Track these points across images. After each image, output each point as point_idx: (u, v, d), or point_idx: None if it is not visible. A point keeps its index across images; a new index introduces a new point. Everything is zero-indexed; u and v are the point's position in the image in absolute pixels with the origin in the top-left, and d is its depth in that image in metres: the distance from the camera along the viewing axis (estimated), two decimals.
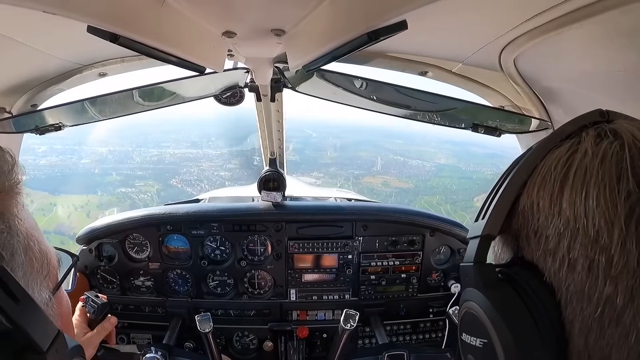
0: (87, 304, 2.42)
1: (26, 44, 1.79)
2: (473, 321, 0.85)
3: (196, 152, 58.86)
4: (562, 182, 0.75)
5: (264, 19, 1.51)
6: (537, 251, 0.79)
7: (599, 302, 0.69)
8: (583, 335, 0.73)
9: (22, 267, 0.94)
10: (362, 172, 59.08)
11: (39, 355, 0.82)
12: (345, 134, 69.02)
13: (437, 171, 59.29)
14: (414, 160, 61.80)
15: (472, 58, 2.03)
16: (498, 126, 2.34)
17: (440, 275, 3.48)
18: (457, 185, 55.90)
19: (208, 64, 1.77)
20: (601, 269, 0.68)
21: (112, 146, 57.05)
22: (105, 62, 2.35)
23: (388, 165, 60.23)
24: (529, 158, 0.83)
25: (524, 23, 1.52)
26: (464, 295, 0.90)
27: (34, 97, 2.36)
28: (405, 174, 58.85)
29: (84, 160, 55.46)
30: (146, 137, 60.17)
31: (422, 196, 53.26)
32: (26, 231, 0.97)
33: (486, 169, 56.14)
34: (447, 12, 1.53)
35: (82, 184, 50.01)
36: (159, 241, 3.28)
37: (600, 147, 0.72)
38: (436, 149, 64.05)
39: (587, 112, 0.82)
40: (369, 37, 1.19)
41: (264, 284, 3.43)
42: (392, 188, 55.53)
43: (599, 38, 1.46)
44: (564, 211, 0.73)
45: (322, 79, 2.39)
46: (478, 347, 0.84)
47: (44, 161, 50.69)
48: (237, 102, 2.88)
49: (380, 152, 63.99)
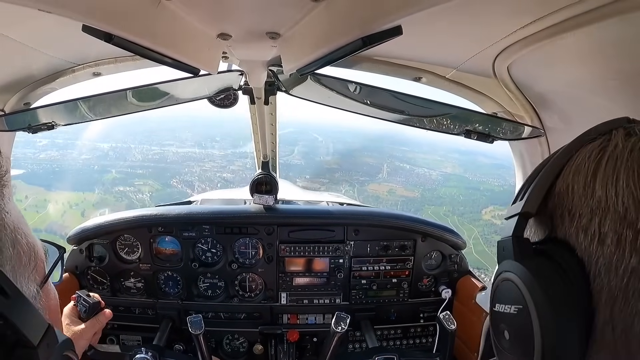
0: (79, 303, 2.40)
1: (20, 42, 1.79)
2: (509, 290, 0.90)
3: (200, 152, 58.47)
4: (595, 168, 0.81)
5: (259, 22, 1.52)
6: (570, 228, 0.84)
7: (625, 273, 0.74)
8: (609, 306, 0.77)
9: (10, 261, 0.93)
10: (368, 178, 58.85)
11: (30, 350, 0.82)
12: (352, 138, 68.75)
13: (443, 180, 59.07)
14: (420, 168, 61.59)
15: (466, 64, 2.04)
16: (490, 132, 2.35)
17: (431, 280, 3.49)
18: (464, 195, 55.77)
19: (202, 65, 1.77)
20: (628, 242, 0.74)
21: (114, 142, 56.60)
22: (99, 62, 2.34)
23: (394, 173, 59.93)
24: (565, 150, 0.90)
25: (518, 30, 1.53)
26: (500, 267, 0.95)
27: (27, 95, 2.35)
28: (412, 182, 58.55)
29: (84, 155, 55.00)
30: (150, 134, 59.74)
31: (429, 206, 53.00)
32: (14, 224, 0.96)
33: (493, 179, 56.20)
34: (442, 18, 1.54)
35: (79, 180, 49.40)
36: (150, 242, 3.26)
37: (629, 142, 0.79)
38: (443, 158, 64.00)
39: (615, 118, 0.88)
40: (363, 42, 1.20)
41: (254, 287, 3.42)
42: (397, 197, 55.17)
43: (592, 47, 1.47)
44: (596, 192, 0.79)
45: (316, 83, 2.40)
46: (512, 314, 0.89)
47: (44, 155, 50.22)
48: (231, 105, 2.88)
49: (386, 158, 63.69)
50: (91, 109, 2.52)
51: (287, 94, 2.66)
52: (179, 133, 61.98)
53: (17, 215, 1.01)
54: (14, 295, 0.80)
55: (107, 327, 2.51)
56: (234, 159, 53.42)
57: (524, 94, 2.09)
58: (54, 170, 49.61)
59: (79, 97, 2.28)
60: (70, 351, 1.02)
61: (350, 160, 61.33)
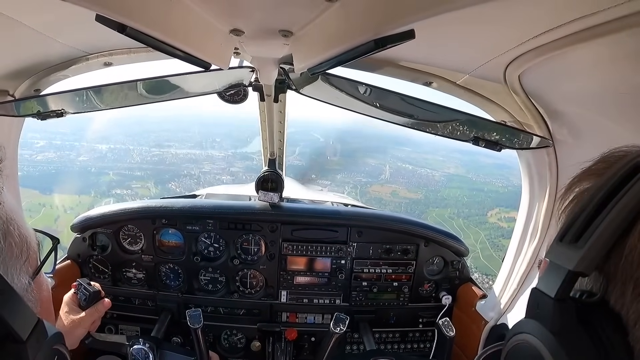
0: (79, 291, 2.41)
1: (33, 28, 1.79)
2: (530, 358, 0.78)
3: (199, 153, 57.94)
4: None
5: (272, 19, 1.52)
6: (632, 305, 0.69)
7: None
8: None
9: (2, 253, 0.93)
10: (370, 180, 58.01)
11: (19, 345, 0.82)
12: (354, 139, 67.95)
13: (446, 181, 58.03)
14: (422, 168, 60.46)
15: (478, 71, 2.04)
16: (499, 141, 2.34)
17: (432, 285, 3.48)
18: (469, 197, 54.71)
19: (214, 60, 1.77)
20: None
21: (113, 143, 55.93)
22: (111, 52, 2.35)
23: (396, 174, 58.91)
24: (636, 192, 0.72)
25: (532, 40, 1.52)
26: (525, 325, 0.82)
27: (37, 82, 2.36)
28: (415, 183, 57.50)
29: (82, 157, 54.27)
30: (149, 134, 59.33)
31: (433, 208, 52.00)
32: (6, 216, 0.96)
33: (496, 180, 55.26)
34: (455, 24, 1.53)
35: (76, 183, 48.85)
36: (154, 234, 3.28)
37: None
38: (445, 158, 63.14)
39: None
40: (376, 44, 1.19)
41: (255, 283, 3.43)
42: (401, 198, 54.19)
43: (604, 59, 1.47)
44: None
45: (327, 83, 2.40)
46: None
47: (40, 157, 49.58)
48: (241, 101, 2.89)
49: (388, 159, 62.67)
50: (101, 98, 2.53)
51: (297, 92, 2.66)
52: (179, 134, 61.50)
53: (11, 205, 1.01)
54: (4, 290, 0.80)
55: (106, 316, 2.52)
56: (235, 161, 53.04)
57: (534, 103, 2.08)
58: (50, 172, 48.69)
59: (89, 86, 2.29)
60: (60, 344, 1.03)
61: (352, 161, 60.65)
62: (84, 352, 3.02)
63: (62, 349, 1.04)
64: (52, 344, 0.98)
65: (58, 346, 1.02)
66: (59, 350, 1.03)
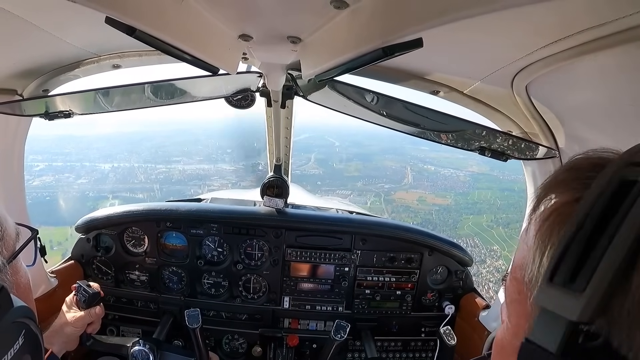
0: (79, 292, 2.43)
1: (43, 29, 1.81)
2: None
3: (208, 167, 56.86)
4: None
5: (280, 26, 1.52)
6: None
7: None
8: None
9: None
10: (393, 185, 56.73)
11: None
12: (369, 141, 66.62)
13: (473, 182, 56.17)
14: (445, 169, 58.73)
15: (485, 81, 2.04)
16: (505, 151, 2.34)
17: (436, 295, 3.46)
18: (501, 199, 52.17)
19: (222, 65, 1.78)
20: None
21: (117, 161, 54.92)
22: (120, 54, 2.37)
23: (419, 177, 57.20)
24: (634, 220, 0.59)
25: (539, 50, 1.52)
26: None
27: (46, 82, 2.37)
28: (440, 186, 55.94)
29: (81, 180, 53.52)
30: (157, 150, 58.41)
31: (467, 215, 48.86)
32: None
33: (522, 176, 54.13)
34: (463, 33, 1.53)
35: (68, 211, 46.80)
36: (157, 237, 3.29)
37: None
38: (465, 155, 61.69)
39: None
40: (384, 52, 1.19)
41: (258, 288, 3.43)
42: (429, 205, 51.94)
43: (611, 70, 1.46)
44: None
45: (334, 90, 2.40)
46: None
47: (37, 182, 48.13)
48: (248, 106, 2.90)
49: (407, 160, 61.22)
50: (108, 100, 2.54)
51: (304, 98, 2.67)
52: (188, 147, 60.51)
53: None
54: None
55: (108, 317, 2.53)
56: (246, 175, 50.77)
57: (541, 114, 2.07)
58: (44, 199, 47.96)
59: (97, 87, 2.30)
60: (27, 319, 1.04)
61: (371, 165, 59.32)
62: (84, 354, 3.02)
63: (31, 326, 1.06)
64: (18, 316, 1.00)
65: (25, 320, 1.03)
66: (26, 324, 1.04)
